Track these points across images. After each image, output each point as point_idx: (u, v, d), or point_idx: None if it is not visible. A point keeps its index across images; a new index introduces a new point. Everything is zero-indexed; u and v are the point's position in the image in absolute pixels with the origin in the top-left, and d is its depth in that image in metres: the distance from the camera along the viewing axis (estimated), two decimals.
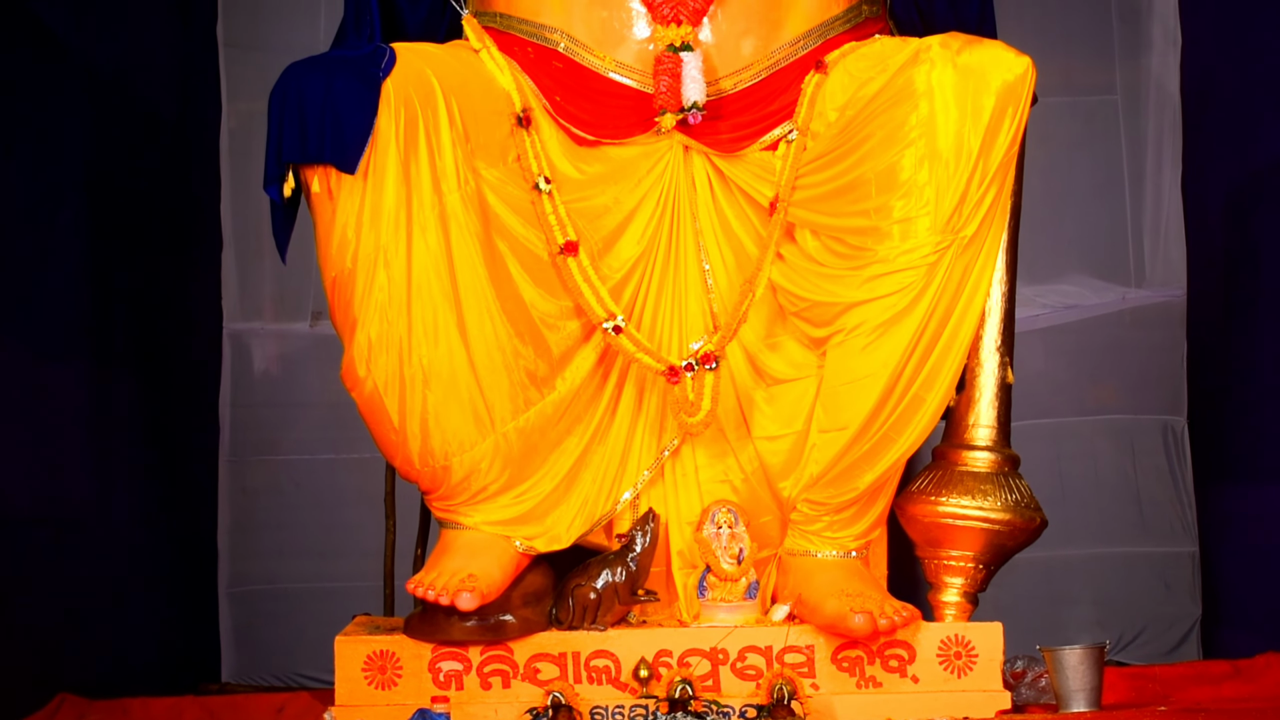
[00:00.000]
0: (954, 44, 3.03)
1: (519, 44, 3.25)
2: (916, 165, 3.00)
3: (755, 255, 3.19)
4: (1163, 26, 4.59)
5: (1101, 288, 4.64)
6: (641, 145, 3.20)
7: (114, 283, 3.98)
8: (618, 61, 3.19)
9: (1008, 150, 3.01)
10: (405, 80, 2.98)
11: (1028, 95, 3.01)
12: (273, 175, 2.97)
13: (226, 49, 4.68)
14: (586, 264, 3.13)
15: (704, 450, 3.25)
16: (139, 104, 4.21)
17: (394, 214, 2.96)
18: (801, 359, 3.21)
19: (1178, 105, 4.57)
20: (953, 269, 3.02)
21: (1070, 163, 4.63)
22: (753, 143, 3.21)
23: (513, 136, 3.14)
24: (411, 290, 2.99)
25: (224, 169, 4.67)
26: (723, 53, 3.19)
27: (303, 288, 4.56)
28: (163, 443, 4.26)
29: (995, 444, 3.21)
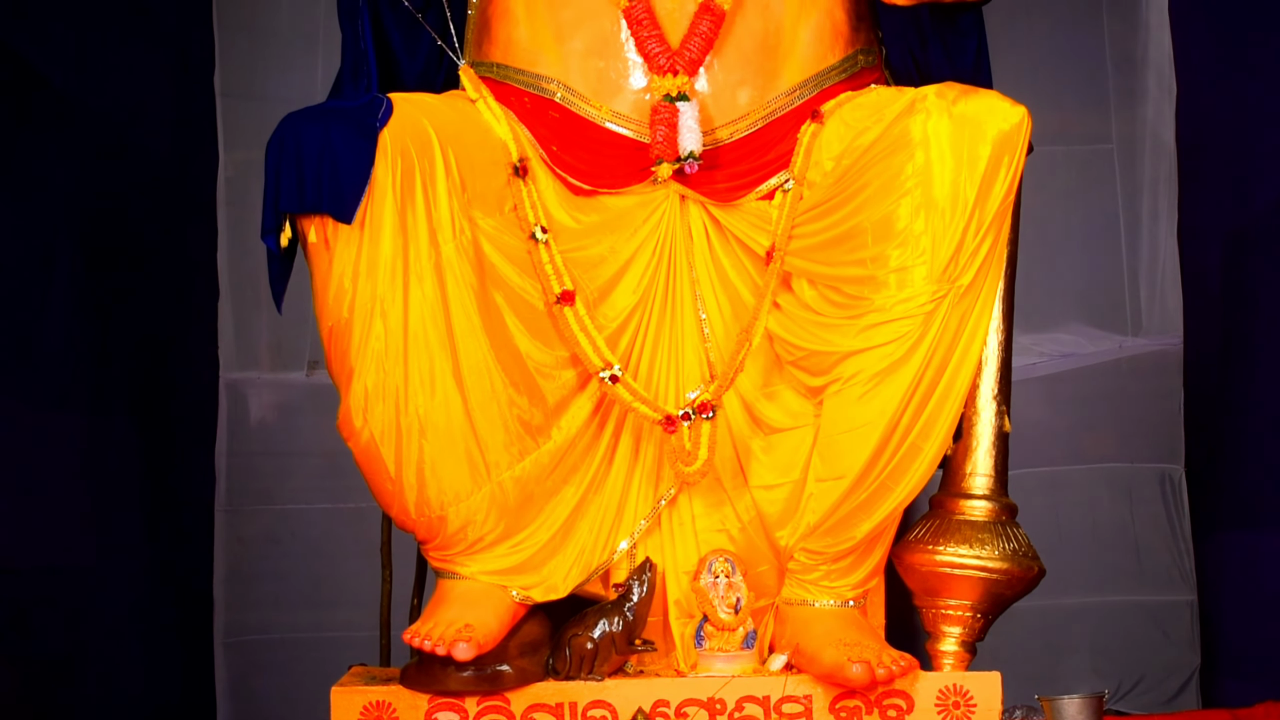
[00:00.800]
0: (950, 94, 3.04)
1: (516, 94, 3.26)
2: (913, 214, 3.01)
3: (752, 304, 3.19)
4: (1157, 76, 4.61)
5: (1098, 336, 4.64)
6: (638, 195, 3.21)
7: (110, 332, 3.98)
8: (614, 111, 3.20)
9: (1004, 199, 3.01)
10: (402, 130, 2.99)
11: (1023, 144, 3.02)
12: (270, 225, 2.97)
13: (224, 98, 4.70)
14: (583, 313, 3.13)
15: (701, 499, 3.24)
16: (136, 152, 4.22)
17: (390, 264, 2.97)
18: (798, 408, 3.21)
19: (1173, 154, 4.58)
20: (949, 318, 3.02)
21: (1066, 211, 4.64)
22: (749, 192, 3.22)
23: (509, 186, 3.15)
24: (408, 340, 2.99)
25: (221, 218, 4.67)
26: (719, 103, 3.19)
27: (299, 337, 4.56)
28: (159, 492, 4.25)
29: (993, 493, 3.20)
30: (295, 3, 4.69)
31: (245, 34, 4.70)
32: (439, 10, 3.29)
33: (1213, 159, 4.36)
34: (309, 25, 4.62)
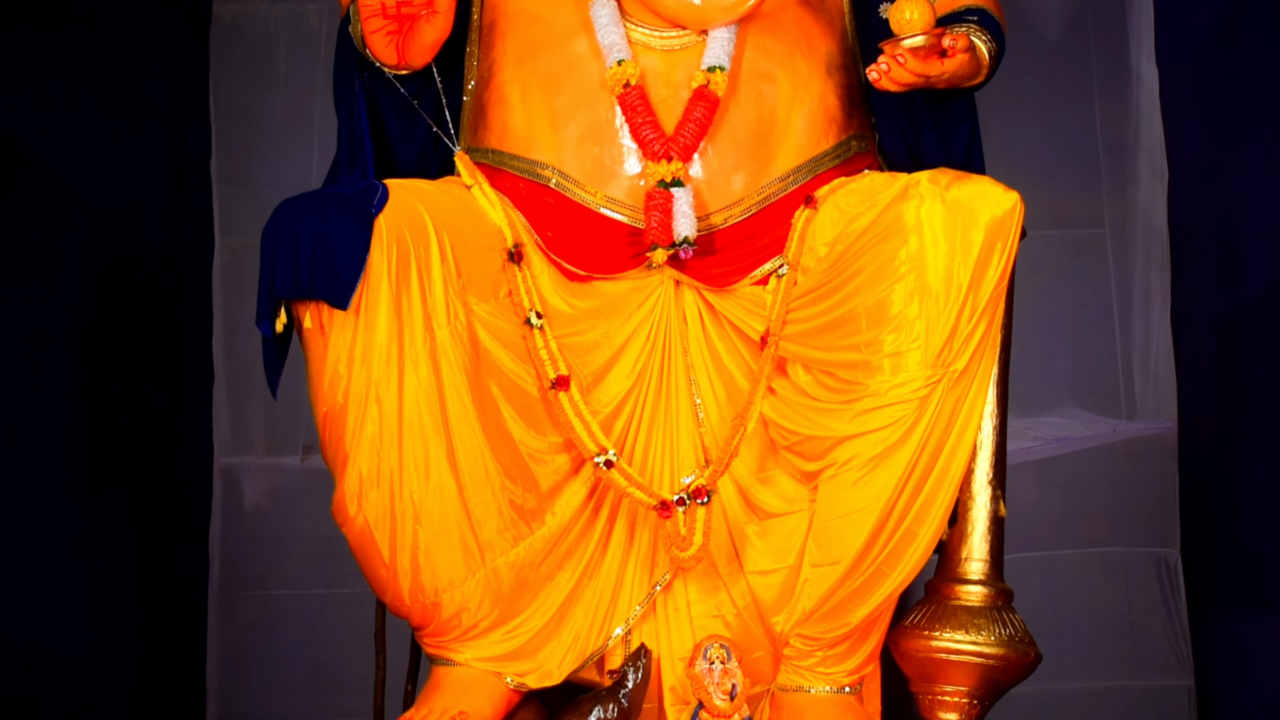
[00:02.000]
0: (942, 179, 3.05)
1: (511, 180, 3.27)
2: (907, 299, 3.01)
3: (746, 389, 3.19)
4: (1149, 161, 4.63)
5: (1092, 420, 4.64)
6: (633, 280, 3.22)
7: (104, 417, 3.98)
8: (609, 197, 3.21)
9: (997, 284, 3.02)
10: (398, 216, 3.00)
11: (1016, 230, 3.03)
12: (265, 311, 2.97)
13: (220, 184, 4.71)
14: (578, 398, 3.13)
15: (696, 585, 3.23)
16: (132, 238, 4.23)
17: (385, 350, 2.97)
18: (793, 493, 3.20)
19: (1165, 238, 4.59)
20: (944, 403, 3.02)
21: (1060, 295, 4.65)
22: (743, 277, 3.23)
23: (504, 272, 3.16)
24: (403, 426, 2.99)
25: (216, 303, 4.68)
26: (713, 188, 3.21)
27: (294, 422, 4.55)
28: (152, 578, 4.23)
29: (988, 578, 3.20)
30: (291, 89, 4.72)
31: (242, 120, 4.73)
32: (434, 97, 3.31)
33: (1205, 243, 4.37)
34: (305, 111, 4.65)
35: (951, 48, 3.04)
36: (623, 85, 3.16)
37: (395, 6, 3.10)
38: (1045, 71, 4.68)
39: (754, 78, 3.24)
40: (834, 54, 3.36)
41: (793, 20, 3.31)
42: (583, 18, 3.25)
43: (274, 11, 4.77)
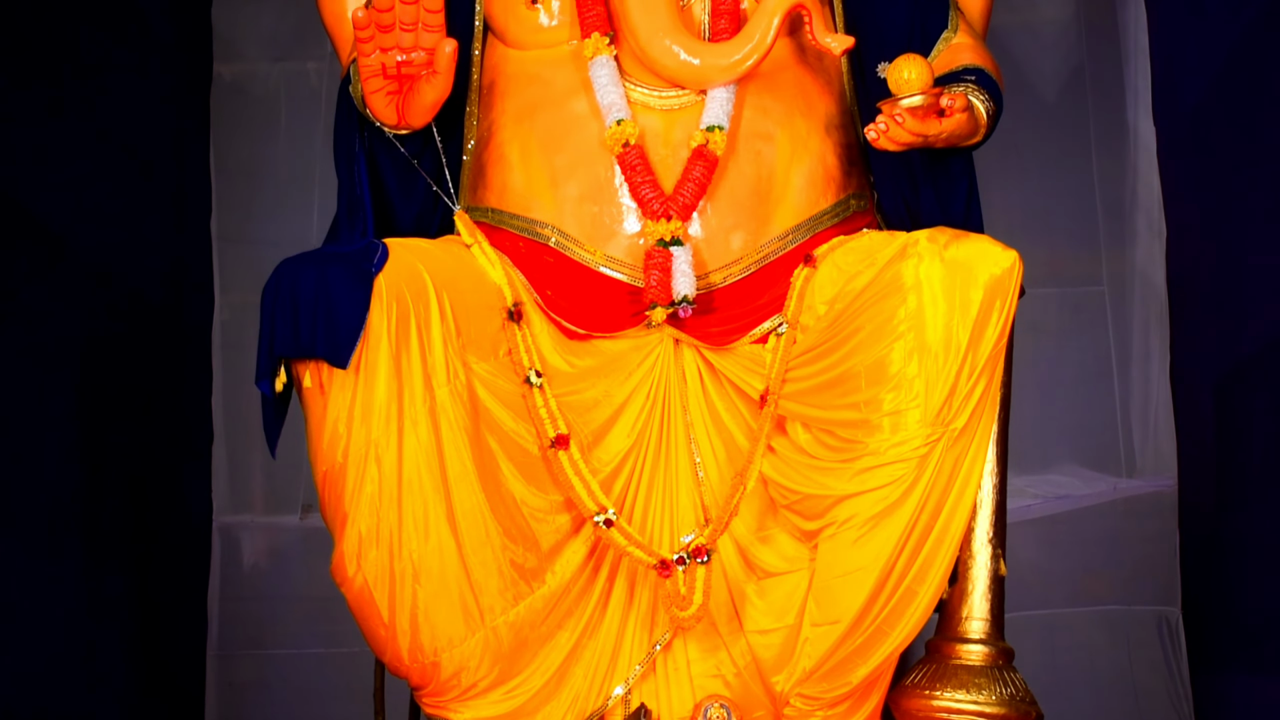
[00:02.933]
0: (941, 238, 3.06)
1: (510, 238, 3.28)
2: (906, 358, 3.01)
3: (746, 448, 3.19)
4: (1147, 219, 4.65)
5: (1092, 478, 4.64)
6: (632, 339, 3.22)
7: (103, 475, 3.97)
8: (608, 256, 3.22)
9: (996, 343, 3.02)
10: (397, 275, 3.01)
11: (1015, 288, 3.03)
12: (264, 370, 2.98)
13: (220, 242, 4.73)
14: (577, 457, 3.13)
15: (696, 644, 3.22)
16: (131, 296, 4.24)
17: (385, 409, 2.97)
18: (793, 552, 3.19)
19: (1164, 295, 4.60)
20: (944, 461, 3.02)
21: (1059, 353, 4.66)
22: (742, 336, 3.23)
23: (504, 331, 3.16)
24: (402, 485, 2.99)
25: (216, 361, 4.69)
26: (712, 247, 3.22)
27: (293, 481, 4.55)
28: (150, 637, 4.22)
29: (989, 637, 3.18)
30: (291, 148, 4.74)
31: (242, 178, 4.75)
32: (434, 156, 3.32)
33: (1203, 300, 4.38)
34: (305, 170, 4.67)
35: (949, 107, 3.05)
36: (622, 144, 3.17)
37: (396, 67, 3.11)
38: (1043, 129, 4.71)
39: (753, 137, 3.25)
40: (832, 113, 3.37)
41: (791, 80, 3.33)
42: (582, 78, 3.26)
43: (275, 71, 4.79)
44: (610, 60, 3.24)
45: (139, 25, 4.34)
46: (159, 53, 4.47)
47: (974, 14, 3.55)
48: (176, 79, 4.61)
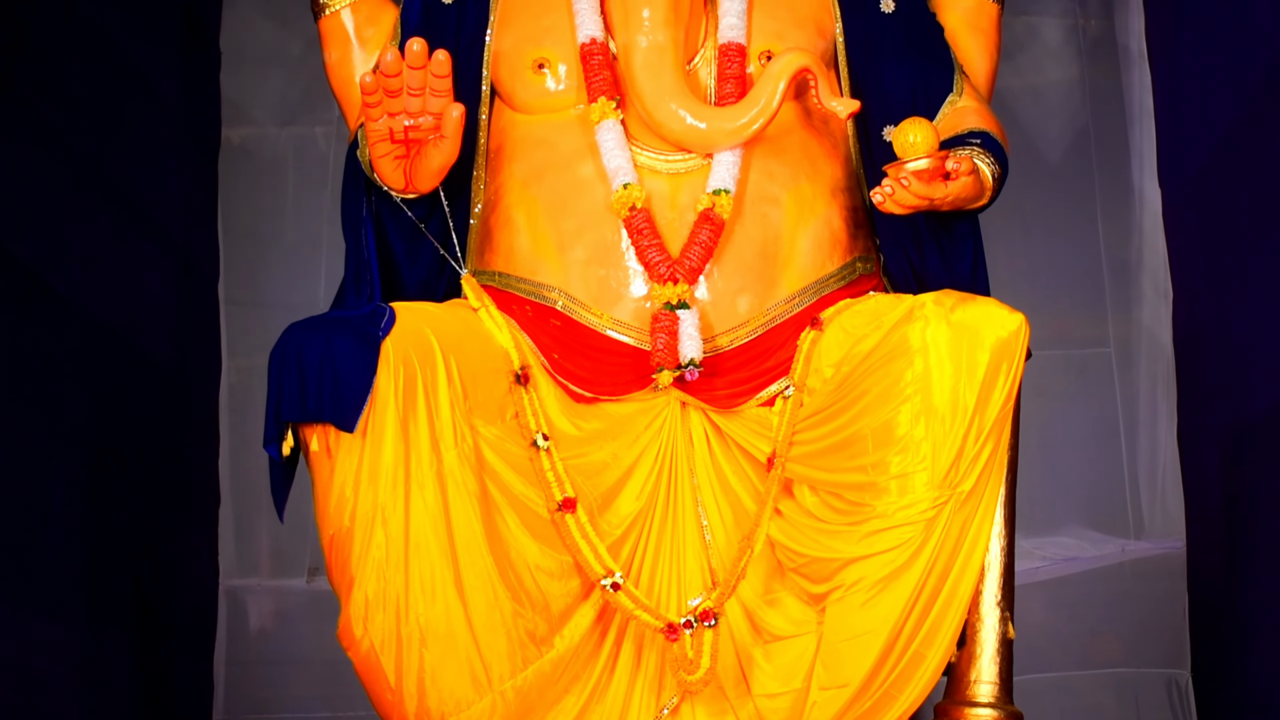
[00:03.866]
0: (947, 301, 3.06)
1: (517, 302, 3.29)
2: (913, 421, 3.01)
3: (753, 511, 3.19)
4: (1153, 280, 4.65)
5: (1100, 540, 4.63)
6: (639, 402, 3.23)
7: (109, 537, 3.96)
8: (615, 319, 3.22)
9: (1003, 405, 3.02)
10: (404, 339, 3.01)
11: (1022, 351, 3.04)
12: (271, 434, 2.99)
13: (227, 305, 4.74)
14: (584, 520, 3.13)
15: (704, 708, 3.20)
16: (139, 359, 4.24)
17: (392, 472, 2.97)
18: (800, 615, 3.19)
19: (1171, 357, 4.60)
20: (951, 524, 3.02)
21: (1066, 415, 4.65)
22: (749, 399, 3.23)
23: (511, 394, 3.17)
24: (409, 548, 2.98)
25: (223, 424, 4.69)
26: (719, 310, 3.22)
27: (299, 544, 4.54)
28: (156, 701, 4.20)
29: (998, 700, 3.17)
30: (299, 211, 4.76)
31: (250, 241, 4.76)
32: (441, 220, 3.33)
33: (1210, 362, 4.37)
34: (313, 234, 4.68)
35: (955, 171, 3.07)
36: (629, 208, 3.19)
37: (403, 131, 3.12)
38: (1048, 192, 4.72)
39: (759, 200, 3.26)
40: (838, 177, 3.39)
41: (797, 144, 3.34)
42: (589, 142, 3.28)
43: (283, 135, 4.81)
44: (617, 124, 3.26)
45: (148, 90, 4.36)
46: (168, 117, 4.49)
47: (979, 77, 3.57)
48: (185, 143, 4.62)
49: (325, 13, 3.55)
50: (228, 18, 4.82)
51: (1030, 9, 4.78)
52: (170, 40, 4.54)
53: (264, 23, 4.81)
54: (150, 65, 4.39)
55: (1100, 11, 4.82)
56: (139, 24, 4.30)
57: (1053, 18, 4.82)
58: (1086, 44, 4.81)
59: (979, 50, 3.60)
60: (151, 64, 4.39)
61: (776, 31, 3.36)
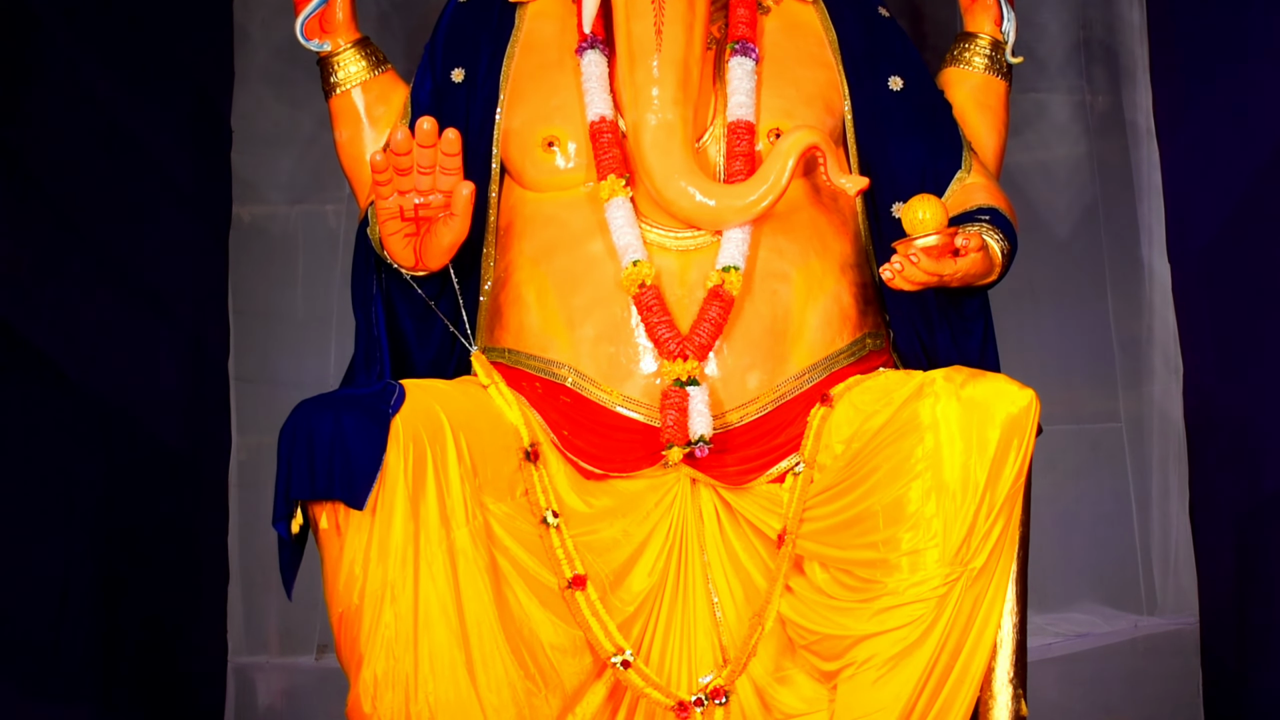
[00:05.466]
0: (957, 377, 3.06)
1: (527, 379, 3.29)
2: (924, 498, 3.01)
3: (764, 588, 3.18)
4: (1163, 355, 4.65)
5: (1113, 616, 4.60)
6: (649, 478, 3.22)
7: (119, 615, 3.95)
8: (625, 396, 3.23)
9: (1014, 482, 3.02)
10: (414, 417, 3.01)
11: (1032, 427, 3.03)
12: (281, 512, 2.98)
13: (237, 383, 4.74)
14: (594, 598, 3.12)
15: None
16: (148, 438, 4.24)
17: (401, 550, 2.97)
18: (812, 693, 3.17)
19: (1182, 432, 4.59)
20: (963, 601, 3.00)
21: (1077, 491, 4.64)
22: (759, 475, 3.23)
23: (520, 471, 3.17)
24: (418, 627, 2.97)
25: (232, 501, 4.68)
26: (729, 387, 3.22)
27: (309, 621, 4.53)
28: None
29: None
30: (310, 289, 4.77)
31: (260, 319, 4.77)
32: (451, 298, 3.34)
33: (1222, 437, 4.36)
34: (323, 311, 4.69)
35: (964, 247, 3.07)
36: (638, 285, 3.19)
37: (413, 209, 3.14)
38: (1058, 267, 4.72)
39: (768, 277, 3.27)
40: (848, 253, 3.40)
41: (806, 220, 3.35)
42: (598, 219, 3.29)
43: (293, 213, 4.83)
44: (626, 202, 3.27)
45: (159, 169, 4.38)
46: (179, 195, 4.51)
47: (987, 154, 3.58)
48: (196, 221, 4.64)
49: (336, 92, 3.57)
50: (239, 96, 4.85)
51: (1038, 85, 4.80)
52: (181, 119, 4.57)
53: (275, 102, 4.84)
54: (161, 144, 4.41)
55: (1108, 88, 4.84)
56: (150, 103, 4.33)
57: (1060, 94, 4.84)
58: (1094, 120, 4.83)
59: (987, 127, 3.61)
60: (162, 143, 4.42)
61: (785, 109, 3.37)
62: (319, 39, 3.57)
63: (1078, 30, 4.85)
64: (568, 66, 3.42)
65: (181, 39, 4.57)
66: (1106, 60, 4.85)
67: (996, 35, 3.62)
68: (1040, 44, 4.80)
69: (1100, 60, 4.85)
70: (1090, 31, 4.86)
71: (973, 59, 3.63)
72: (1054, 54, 4.84)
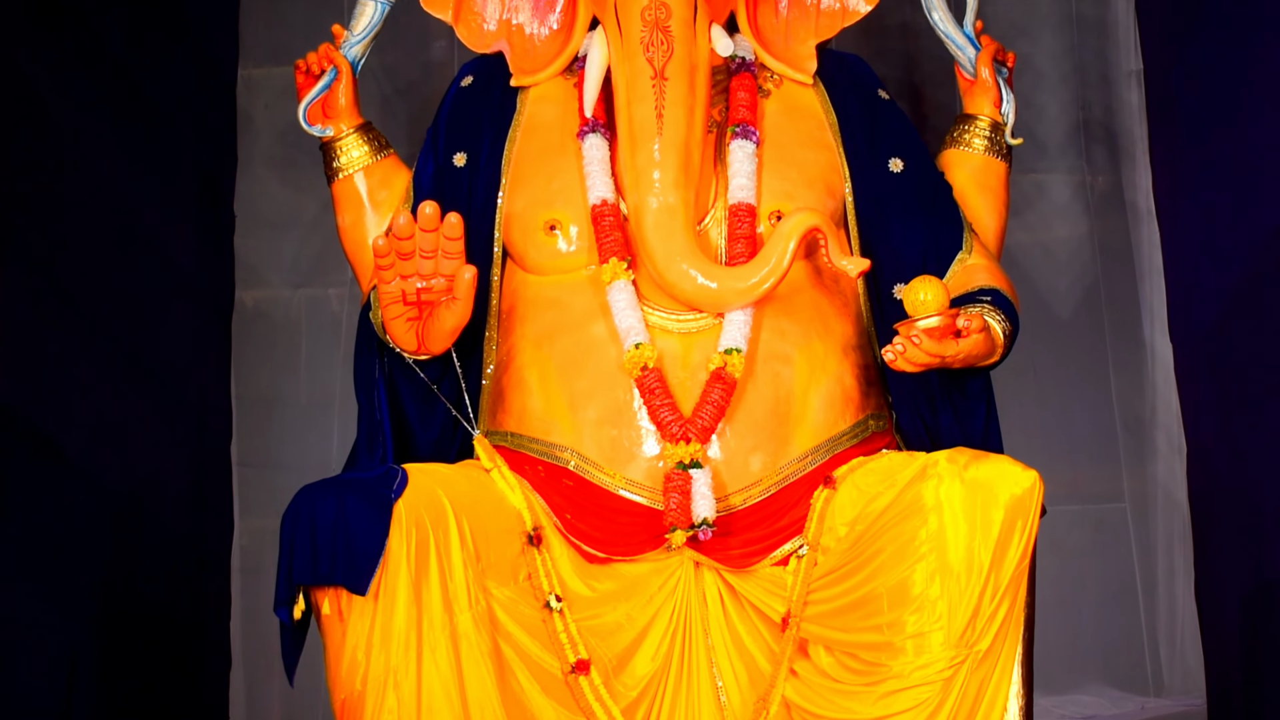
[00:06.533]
0: (961, 459, 3.06)
1: (530, 462, 3.29)
2: (928, 580, 3.00)
3: (768, 672, 3.16)
4: (1167, 435, 4.65)
5: (1119, 697, 4.58)
6: (652, 562, 3.21)
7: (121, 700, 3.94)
8: (628, 479, 3.22)
9: (1019, 563, 3.00)
10: (417, 501, 3.01)
11: (1036, 508, 3.02)
12: (283, 597, 2.97)
13: (240, 467, 4.75)
14: (598, 683, 3.10)
15: None
16: (151, 521, 4.23)
17: (404, 635, 2.95)
18: None
19: (1186, 512, 4.58)
20: (968, 684, 2.98)
21: (1082, 571, 4.63)
22: (763, 558, 3.21)
23: (524, 555, 3.16)
24: (421, 713, 2.95)
25: (235, 587, 4.67)
26: (731, 469, 3.22)
27: (311, 707, 4.50)
28: None
29: None
30: (312, 373, 4.78)
31: (263, 404, 4.78)
32: (454, 381, 3.34)
33: (1226, 517, 4.35)
34: (326, 395, 4.70)
35: (966, 328, 3.07)
36: (640, 368, 3.19)
37: (415, 293, 3.14)
38: (1060, 348, 4.73)
39: (771, 359, 3.27)
40: (849, 335, 3.40)
41: (808, 302, 3.36)
42: (600, 302, 3.29)
43: (296, 297, 4.85)
44: (628, 284, 3.28)
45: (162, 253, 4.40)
46: (181, 279, 4.53)
47: (988, 235, 3.59)
48: (199, 306, 4.66)
49: (339, 177, 3.59)
50: (242, 181, 4.88)
51: (1038, 167, 4.82)
52: (185, 202, 4.59)
53: (278, 186, 4.87)
54: (164, 228, 4.43)
55: (1108, 169, 4.87)
56: (154, 187, 4.35)
57: (1061, 175, 4.87)
58: (1095, 201, 4.85)
59: (987, 208, 3.62)
60: (166, 226, 4.44)
61: (786, 192, 3.38)
62: (322, 124, 3.58)
63: (1077, 111, 4.88)
64: (569, 150, 3.44)
65: (185, 123, 4.60)
66: (1106, 141, 4.88)
67: (996, 117, 3.64)
68: (1040, 125, 4.83)
69: (1100, 141, 4.88)
70: (1089, 113, 4.89)
71: (972, 141, 3.64)
72: (1054, 135, 4.87)
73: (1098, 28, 4.91)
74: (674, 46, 3.27)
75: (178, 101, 4.55)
